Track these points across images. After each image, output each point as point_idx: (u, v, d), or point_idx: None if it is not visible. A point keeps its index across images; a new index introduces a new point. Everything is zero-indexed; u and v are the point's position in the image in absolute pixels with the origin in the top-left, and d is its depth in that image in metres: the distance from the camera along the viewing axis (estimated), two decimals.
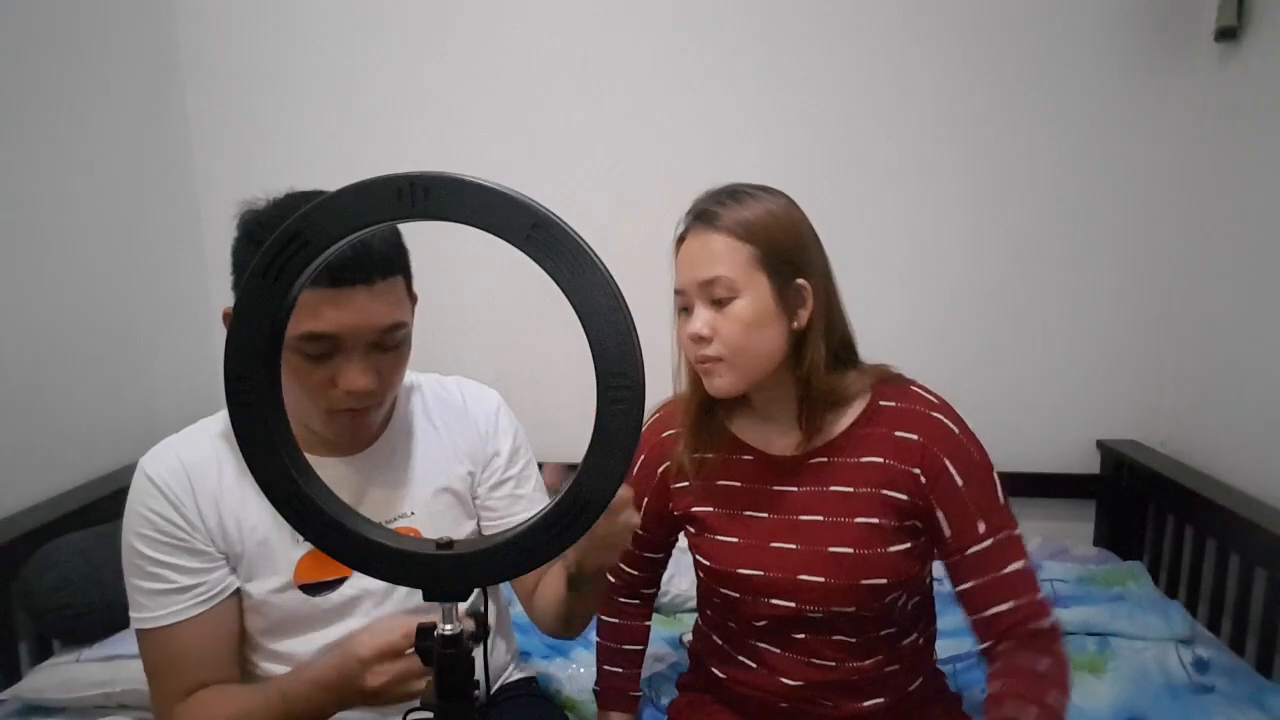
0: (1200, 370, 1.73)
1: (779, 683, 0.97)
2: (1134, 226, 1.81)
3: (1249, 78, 1.58)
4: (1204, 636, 1.44)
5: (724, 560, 0.96)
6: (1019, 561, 0.88)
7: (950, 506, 0.88)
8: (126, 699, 1.24)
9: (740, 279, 0.86)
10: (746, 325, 0.87)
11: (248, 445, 0.48)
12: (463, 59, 1.87)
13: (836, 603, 0.91)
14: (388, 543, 0.49)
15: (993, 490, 0.89)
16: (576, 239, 0.44)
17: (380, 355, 0.83)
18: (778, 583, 0.93)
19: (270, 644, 0.91)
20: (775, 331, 0.88)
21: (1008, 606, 0.86)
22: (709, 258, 0.87)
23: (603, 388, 0.45)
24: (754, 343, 0.88)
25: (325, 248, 0.45)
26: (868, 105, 1.83)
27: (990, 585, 0.87)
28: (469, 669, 0.53)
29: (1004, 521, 0.88)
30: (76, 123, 1.58)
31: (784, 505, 0.94)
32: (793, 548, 0.93)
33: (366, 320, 0.79)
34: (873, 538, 0.90)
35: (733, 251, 0.87)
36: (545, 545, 0.49)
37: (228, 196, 2.13)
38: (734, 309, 0.87)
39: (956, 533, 0.88)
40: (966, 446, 0.90)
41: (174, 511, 0.84)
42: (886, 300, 1.86)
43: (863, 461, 0.91)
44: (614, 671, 1.09)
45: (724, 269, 0.86)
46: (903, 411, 0.92)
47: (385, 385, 0.85)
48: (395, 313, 0.82)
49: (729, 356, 0.88)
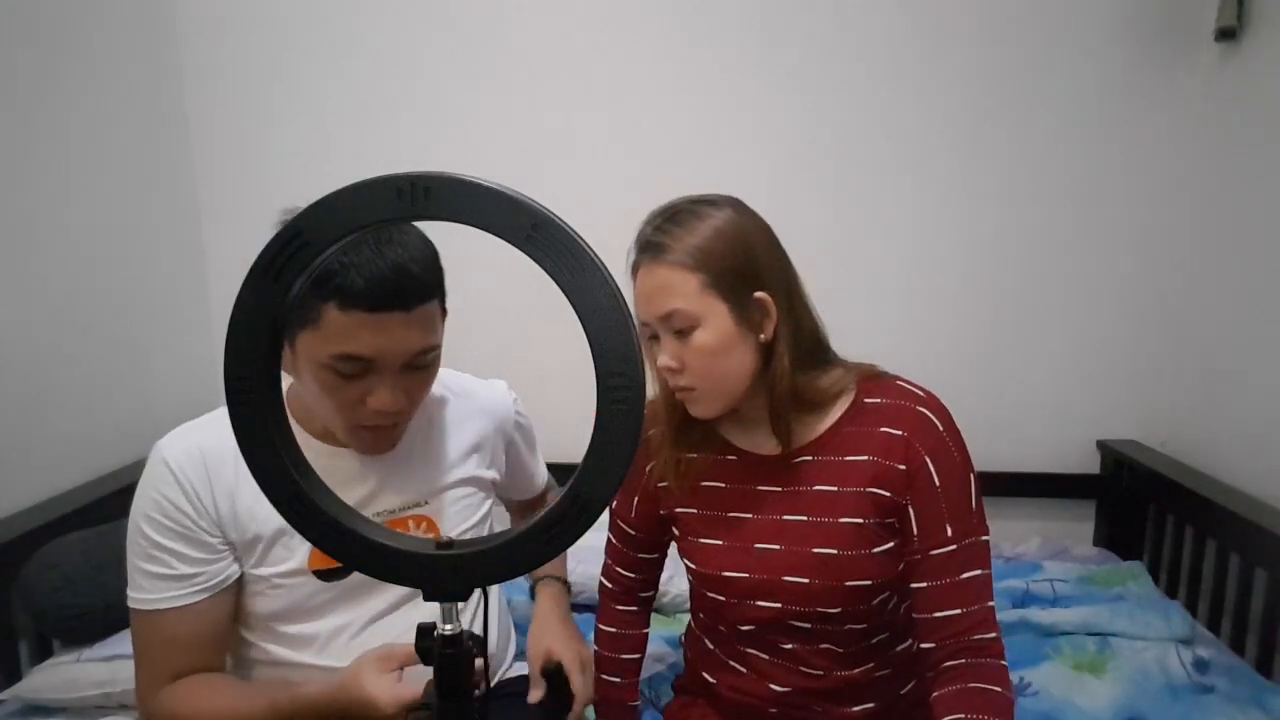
0: (1200, 370, 1.73)
1: (768, 689, 0.96)
2: (1134, 226, 1.81)
3: (1249, 78, 1.58)
4: (1204, 636, 1.44)
5: (708, 563, 0.95)
6: (979, 569, 0.86)
7: (922, 505, 0.87)
8: (126, 699, 1.24)
9: (696, 309, 0.84)
10: (712, 354, 0.85)
11: (248, 445, 0.48)
12: (462, 59, 1.87)
13: (821, 604, 0.90)
14: (387, 542, 0.49)
15: (967, 494, 0.87)
16: (576, 239, 0.44)
17: (411, 376, 0.84)
18: (762, 585, 0.92)
19: (280, 626, 0.91)
20: (742, 352, 0.87)
21: (958, 612, 0.85)
22: (661, 292, 0.86)
23: (603, 388, 0.45)
24: (722, 368, 0.87)
25: (325, 247, 0.45)
26: (868, 105, 1.83)
27: (945, 589, 0.86)
28: (469, 669, 0.53)
29: (972, 528, 0.87)
30: (77, 122, 1.58)
31: (768, 506, 0.93)
32: (777, 548, 0.92)
33: (401, 345, 0.81)
34: (858, 538, 0.89)
35: (683, 282, 0.84)
36: (545, 546, 0.49)
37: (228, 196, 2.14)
38: (696, 340, 0.85)
39: (924, 533, 0.87)
40: (949, 446, 0.88)
41: (185, 501, 0.85)
42: (887, 300, 1.86)
43: (848, 460, 0.90)
44: (612, 682, 1.07)
45: (679, 302, 0.85)
46: (889, 407, 0.90)
47: (413, 403, 0.87)
48: (429, 337, 0.83)
49: (700, 385, 0.87)
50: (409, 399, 0.85)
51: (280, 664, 0.92)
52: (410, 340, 0.81)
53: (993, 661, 0.85)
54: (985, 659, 0.85)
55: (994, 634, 0.86)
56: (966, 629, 0.85)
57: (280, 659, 0.92)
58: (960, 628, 0.85)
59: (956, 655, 0.85)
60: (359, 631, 0.92)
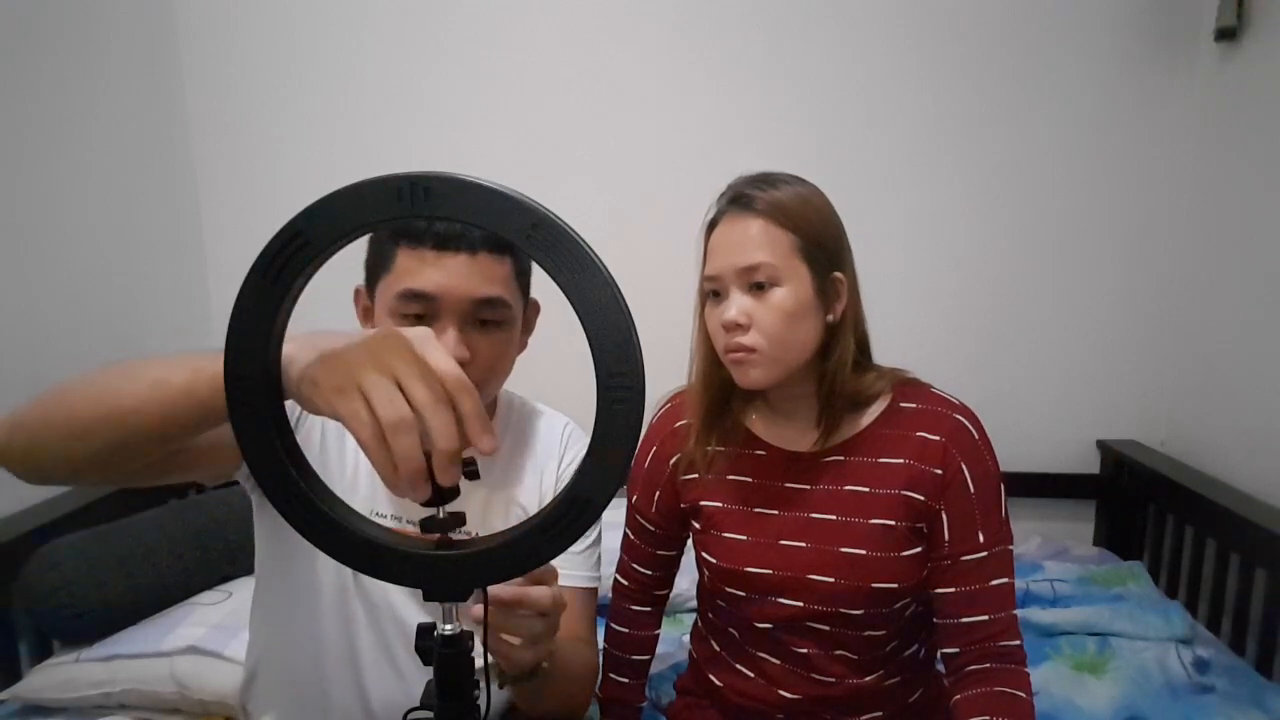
0: (1200, 370, 1.73)
1: (776, 694, 0.95)
2: (1134, 226, 1.81)
3: (1249, 78, 1.58)
4: (1204, 636, 1.44)
5: (731, 558, 0.95)
6: (1005, 577, 0.88)
7: (956, 511, 0.88)
8: (126, 699, 1.24)
9: (782, 267, 0.84)
10: (787, 315, 0.84)
11: (248, 445, 0.48)
12: (463, 59, 1.87)
13: (845, 605, 0.89)
14: (387, 542, 0.49)
15: (999, 502, 0.89)
16: (576, 239, 0.44)
17: (478, 332, 0.82)
18: (786, 582, 0.91)
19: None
20: (811, 324, 0.87)
21: (985, 618, 0.86)
22: (748, 243, 0.84)
23: (603, 388, 0.45)
24: (792, 334, 0.85)
25: (325, 247, 0.45)
26: (867, 105, 1.83)
27: (973, 594, 0.87)
28: (469, 669, 0.53)
29: (1003, 536, 0.88)
30: (77, 123, 1.58)
31: (796, 503, 0.93)
32: (803, 546, 0.91)
33: (463, 286, 0.79)
34: (886, 540, 0.89)
35: (773, 238, 0.84)
36: (544, 546, 0.49)
37: (228, 197, 2.13)
38: (774, 298, 0.84)
39: (955, 539, 0.88)
40: (983, 454, 0.89)
41: None
42: (886, 300, 1.82)
43: (881, 462, 0.90)
44: (619, 681, 1.06)
45: (766, 255, 0.84)
46: (925, 412, 0.91)
47: (480, 367, 0.81)
48: (495, 287, 0.81)
49: (765, 347, 0.85)
50: (476, 359, 0.81)
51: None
52: (473, 284, 0.80)
53: (1017, 668, 0.86)
54: (1010, 665, 0.86)
55: (1018, 641, 0.87)
56: (992, 635, 0.86)
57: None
58: (986, 633, 0.86)
59: (981, 660, 0.86)
60: None
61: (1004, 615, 0.87)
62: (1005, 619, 0.87)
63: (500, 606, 0.63)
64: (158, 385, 0.61)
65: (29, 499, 1.44)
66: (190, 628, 1.30)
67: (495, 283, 0.82)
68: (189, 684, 1.22)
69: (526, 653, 0.67)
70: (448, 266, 0.79)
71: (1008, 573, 0.88)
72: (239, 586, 1.43)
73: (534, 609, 0.64)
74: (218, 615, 1.33)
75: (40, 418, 0.66)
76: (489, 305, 0.82)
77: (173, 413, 0.61)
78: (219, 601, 1.39)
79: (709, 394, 0.95)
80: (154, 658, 1.25)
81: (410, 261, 0.79)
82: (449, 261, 0.79)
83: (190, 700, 1.23)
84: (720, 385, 0.94)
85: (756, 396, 0.96)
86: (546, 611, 0.65)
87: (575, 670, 0.90)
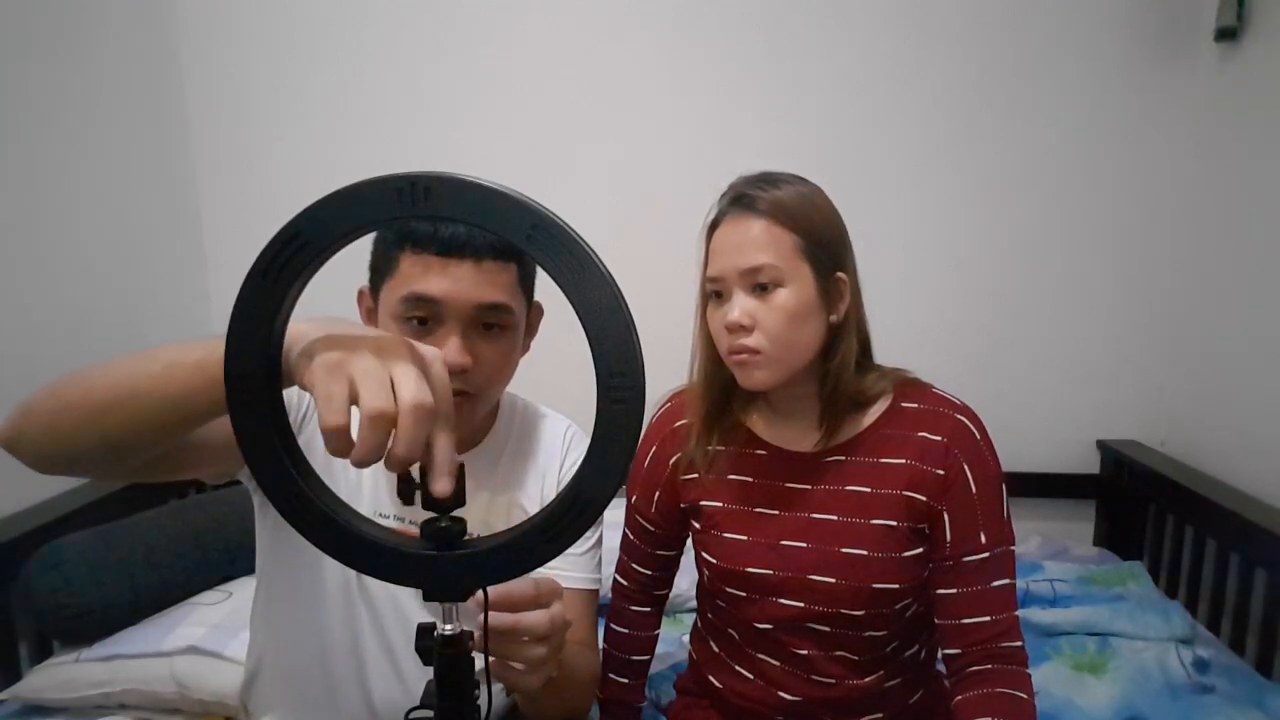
0: (1200, 370, 1.73)
1: (776, 696, 0.95)
2: (1134, 226, 1.82)
3: (1249, 78, 1.58)
4: (1204, 636, 1.44)
5: (731, 559, 0.94)
6: (1007, 578, 0.88)
7: (958, 512, 0.88)
8: (126, 699, 1.24)
9: (785, 268, 0.84)
10: (791, 316, 0.84)
11: (248, 445, 0.48)
12: (463, 59, 1.87)
13: (845, 605, 0.89)
14: (387, 542, 0.49)
15: (1001, 502, 0.89)
16: (576, 239, 0.44)
17: (481, 338, 0.83)
18: (787, 582, 0.91)
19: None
20: (815, 325, 0.87)
21: (987, 619, 0.86)
22: (751, 244, 0.84)
23: (603, 388, 0.45)
24: (796, 335, 0.85)
25: (325, 248, 0.45)
26: (868, 106, 1.83)
27: (975, 596, 0.87)
28: (469, 669, 0.53)
29: (1004, 536, 0.88)
30: (77, 123, 1.58)
31: (797, 503, 0.92)
32: (804, 546, 0.91)
33: (468, 292, 0.80)
34: (888, 540, 0.89)
35: (776, 239, 0.84)
36: (545, 545, 0.49)
37: (228, 197, 2.13)
38: (777, 299, 0.84)
39: (957, 539, 0.87)
40: (985, 454, 0.89)
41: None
42: (886, 300, 1.83)
43: (883, 462, 0.90)
44: (619, 681, 1.06)
45: (769, 256, 0.83)
46: (927, 413, 0.91)
47: (483, 372, 0.83)
48: (499, 293, 0.82)
49: (769, 349, 0.85)
50: (478, 365, 0.81)
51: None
52: (478, 290, 0.80)
53: (1018, 669, 0.86)
54: (1012, 666, 0.86)
55: (1019, 642, 0.87)
56: (994, 636, 0.86)
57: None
58: (988, 635, 0.86)
59: (983, 661, 0.86)
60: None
61: (1005, 616, 0.87)
62: (1007, 620, 0.87)
63: (497, 635, 0.61)
64: (173, 365, 0.62)
65: (30, 499, 1.44)
66: (190, 628, 1.30)
67: (500, 289, 0.82)
68: (189, 684, 1.22)
69: (531, 677, 0.65)
70: (453, 273, 0.79)
71: (1009, 574, 0.88)
72: (239, 586, 1.43)
73: (531, 635, 0.62)
74: (218, 615, 1.33)
75: (55, 402, 0.67)
76: (493, 311, 0.82)
77: (187, 391, 0.61)
78: (219, 601, 1.39)
79: (711, 394, 0.94)
80: (154, 658, 1.25)
81: (415, 266, 0.80)
82: (454, 268, 0.80)
83: (190, 700, 1.23)
84: (722, 385, 0.94)
85: (758, 396, 0.96)
86: (546, 635, 0.63)
87: (577, 675, 0.90)
